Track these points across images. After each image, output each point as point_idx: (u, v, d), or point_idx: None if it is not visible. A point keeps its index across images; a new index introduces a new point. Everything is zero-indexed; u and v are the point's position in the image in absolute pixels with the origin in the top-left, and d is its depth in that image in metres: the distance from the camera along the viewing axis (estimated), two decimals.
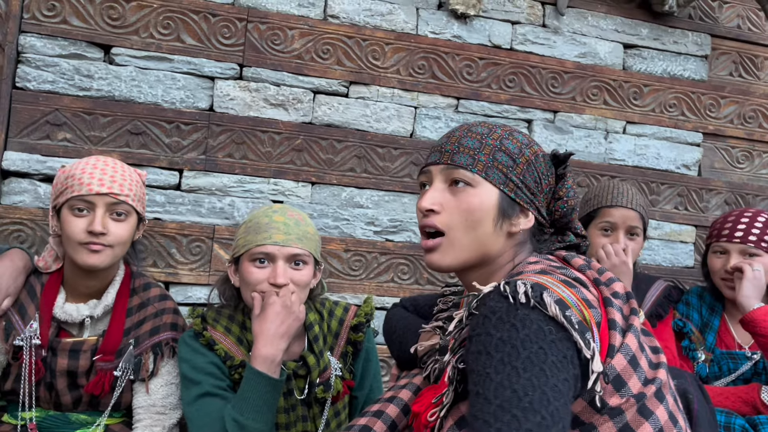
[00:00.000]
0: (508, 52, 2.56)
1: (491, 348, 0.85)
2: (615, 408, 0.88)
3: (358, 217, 2.39)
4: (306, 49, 2.36)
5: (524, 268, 1.03)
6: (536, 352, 0.83)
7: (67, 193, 1.57)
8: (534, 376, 0.81)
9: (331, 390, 1.57)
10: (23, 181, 2.11)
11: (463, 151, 1.08)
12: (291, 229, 1.52)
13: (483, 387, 0.83)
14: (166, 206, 2.22)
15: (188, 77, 2.26)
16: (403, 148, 2.43)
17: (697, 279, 2.69)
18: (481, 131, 1.11)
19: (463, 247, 1.06)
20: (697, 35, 2.78)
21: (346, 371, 1.63)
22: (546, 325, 0.86)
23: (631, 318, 0.97)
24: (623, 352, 0.91)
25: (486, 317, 0.88)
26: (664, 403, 0.92)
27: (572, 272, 1.00)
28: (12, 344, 1.57)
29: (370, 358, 1.71)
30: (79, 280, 1.65)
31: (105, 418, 1.63)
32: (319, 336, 1.60)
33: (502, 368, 0.83)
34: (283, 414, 1.55)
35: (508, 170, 1.08)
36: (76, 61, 2.16)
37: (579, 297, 0.93)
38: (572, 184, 1.15)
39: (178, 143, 2.23)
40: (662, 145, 2.70)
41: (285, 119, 2.34)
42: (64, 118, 2.14)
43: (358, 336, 1.66)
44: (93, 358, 1.61)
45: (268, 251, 1.50)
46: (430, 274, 2.43)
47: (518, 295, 0.88)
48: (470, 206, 1.06)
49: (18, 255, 1.67)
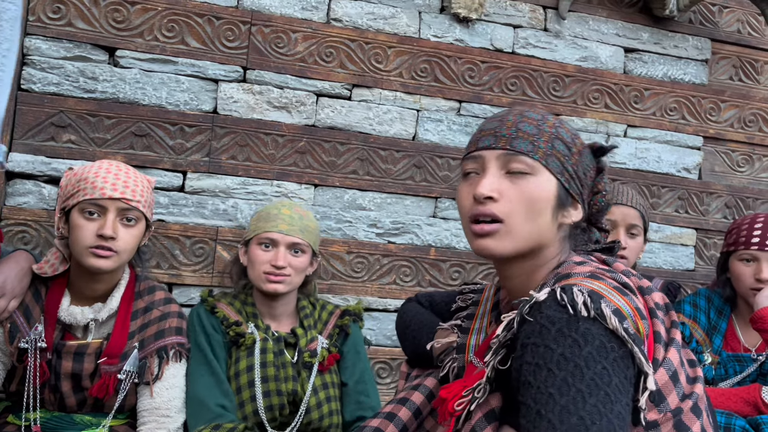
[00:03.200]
0: (510, 56, 2.57)
1: (552, 364, 0.82)
2: (651, 422, 0.87)
3: (360, 219, 2.40)
4: (309, 52, 2.37)
5: (572, 269, 0.99)
6: (600, 373, 0.80)
7: (78, 195, 1.57)
8: (600, 402, 0.78)
9: (317, 357, 1.79)
10: (28, 182, 2.12)
11: (523, 136, 1.03)
12: (295, 221, 1.79)
13: (546, 408, 0.80)
14: (170, 208, 2.23)
15: (192, 80, 2.27)
16: (406, 150, 2.44)
17: (698, 282, 2.70)
18: (535, 117, 1.06)
19: (521, 237, 1.01)
20: (698, 39, 2.79)
21: (333, 347, 1.85)
22: (608, 341, 0.83)
23: (672, 331, 0.95)
24: (665, 367, 0.89)
25: (544, 327, 0.85)
26: (700, 419, 0.90)
27: (621, 277, 0.97)
28: (17, 347, 1.58)
29: (359, 350, 1.89)
30: (85, 283, 1.65)
31: (110, 420, 1.64)
32: (309, 316, 1.87)
33: (566, 390, 0.80)
34: (273, 368, 1.74)
35: (564, 159, 1.03)
36: (80, 63, 2.17)
37: (632, 306, 0.91)
38: (608, 179, 1.13)
39: (181, 145, 2.24)
40: (663, 149, 2.72)
41: (288, 122, 2.35)
42: (68, 120, 2.15)
43: (344, 320, 1.89)
44: (97, 361, 1.61)
45: (273, 237, 1.77)
46: (432, 276, 2.45)
47: (577, 305, 0.85)
48: (532, 195, 1.00)
49: (23, 256, 1.68)
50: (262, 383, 1.72)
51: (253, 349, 1.74)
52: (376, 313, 2.39)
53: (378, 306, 2.40)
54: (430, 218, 2.47)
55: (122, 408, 1.65)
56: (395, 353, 2.39)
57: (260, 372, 1.73)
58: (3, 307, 1.57)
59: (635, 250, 1.99)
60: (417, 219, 2.45)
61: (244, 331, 1.76)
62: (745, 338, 1.97)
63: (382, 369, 2.39)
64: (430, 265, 2.45)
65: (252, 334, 1.76)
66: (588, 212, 1.11)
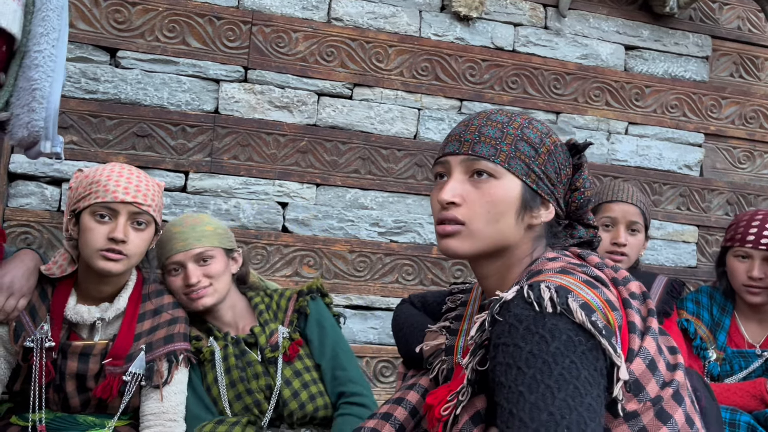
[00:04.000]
0: (511, 54, 2.57)
1: (521, 362, 0.83)
2: (631, 412, 0.87)
3: (362, 218, 2.40)
4: (310, 51, 2.37)
5: (543, 265, 1.00)
6: (568, 368, 0.81)
7: (90, 198, 1.57)
8: (569, 396, 0.79)
9: (279, 349, 1.78)
10: (30, 183, 2.12)
11: (485, 140, 1.04)
12: (187, 234, 1.74)
13: (517, 407, 0.81)
14: (172, 208, 2.23)
15: (193, 80, 2.27)
16: (407, 149, 2.45)
17: (700, 279, 2.70)
18: (501, 119, 1.07)
19: (483, 238, 1.03)
20: (698, 36, 2.79)
21: (294, 334, 1.82)
22: (576, 335, 0.83)
23: (648, 320, 0.95)
24: (642, 356, 0.89)
25: (512, 326, 0.86)
26: (682, 405, 0.90)
27: (593, 270, 0.98)
28: (22, 345, 1.58)
29: (324, 325, 1.84)
30: (92, 284, 1.65)
31: (114, 421, 1.64)
32: (263, 311, 1.83)
33: (535, 387, 0.80)
34: (236, 370, 1.74)
35: (530, 161, 1.04)
36: (82, 64, 2.18)
37: (602, 299, 0.91)
38: (588, 175, 1.13)
39: (183, 145, 2.24)
40: (664, 146, 2.72)
41: (290, 121, 2.35)
42: (70, 121, 2.15)
43: (300, 302, 1.85)
44: (102, 361, 1.61)
45: (177, 259, 1.73)
46: (434, 274, 2.45)
47: (544, 302, 0.85)
48: (494, 198, 1.02)
49: (29, 256, 1.68)
50: (230, 389, 1.73)
51: (215, 361, 1.75)
52: (379, 312, 2.40)
53: (381, 305, 2.40)
54: (431, 217, 2.47)
55: (126, 409, 1.65)
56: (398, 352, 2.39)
57: (225, 379, 1.74)
58: (12, 306, 1.57)
59: (636, 246, 1.99)
60: (419, 218, 2.46)
61: (202, 345, 1.76)
62: (748, 334, 1.98)
63: (385, 368, 2.39)
64: (432, 263, 2.45)
65: (210, 347, 1.76)
66: (567, 210, 1.12)
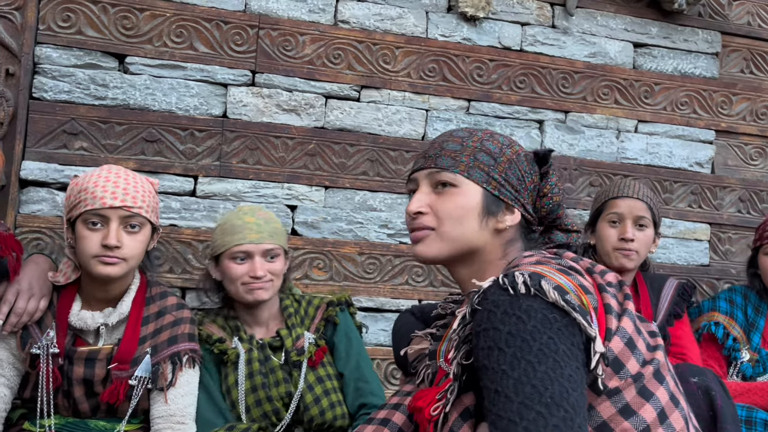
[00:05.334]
0: (518, 54, 2.57)
1: (502, 343, 0.87)
2: (613, 389, 0.90)
3: (371, 220, 2.40)
4: (317, 54, 2.38)
5: (520, 261, 1.05)
6: (546, 343, 0.85)
7: (80, 206, 1.58)
8: (549, 369, 0.83)
9: (305, 353, 1.79)
10: (41, 190, 2.13)
11: (446, 154, 1.13)
12: (262, 228, 1.77)
13: (501, 384, 0.84)
14: (182, 212, 2.24)
15: (201, 84, 2.28)
16: (415, 150, 2.44)
17: (712, 277, 2.68)
18: (461, 135, 1.16)
19: (449, 240, 1.11)
20: (708, 33, 2.77)
21: (320, 340, 1.84)
22: (550, 312, 0.88)
23: (625, 303, 0.99)
24: (620, 335, 0.93)
25: (490, 312, 0.90)
26: (664, 384, 0.93)
27: (566, 261, 1.04)
28: (29, 352, 1.59)
29: (350, 337, 1.87)
30: (95, 290, 1.66)
31: (124, 425, 1.65)
32: (293, 315, 1.86)
33: (516, 364, 0.84)
34: (259, 376, 1.74)
35: (489, 169, 1.12)
36: (91, 70, 2.19)
37: (575, 283, 0.96)
38: (556, 182, 1.19)
39: (192, 150, 2.25)
40: (674, 144, 2.70)
41: (298, 124, 2.35)
42: (80, 127, 2.17)
43: (330, 311, 1.87)
44: (108, 366, 1.62)
45: (246, 249, 1.74)
46: (444, 276, 2.44)
47: (518, 285, 0.90)
48: (455, 204, 1.11)
49: (41, 258, 1.71)
50: (250, 394, 1.73)
51: (238, 364, 1.76)
52: (389, 313, 2.39)
53: (391, 306, 2.39)
54: None
55: (135, 413, 1.66)
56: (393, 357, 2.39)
57: (246, 384, 1.74)
58: (34, 307, 1.60)
59: (644, 242, 1.97)
60: None
61: (228, 347, 1.77)
62: None
63: (396, 370, 2.39)
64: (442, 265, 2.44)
65: (235, 349, 1.76)
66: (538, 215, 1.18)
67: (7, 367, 1.61)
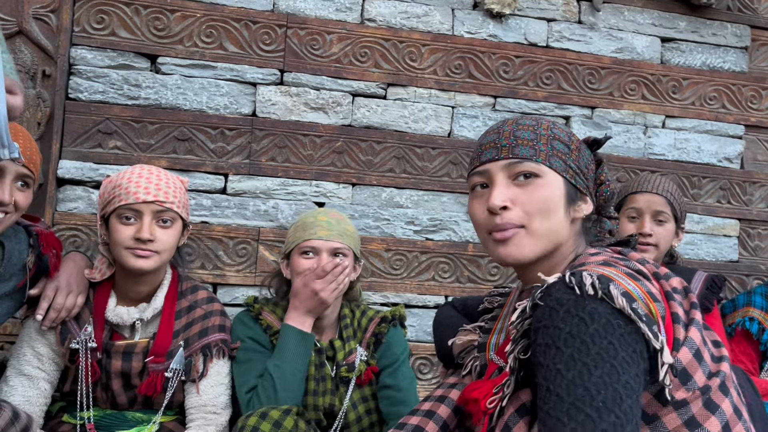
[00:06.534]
0: (545, 50, 2.56)
1: (560, 342, 0.85)
2: (680, 401, 0.88)
3: (398, 216, 2.42)
4: (344, 53, 2.40)
5: (586, 259, 1.02)
6: (606, 348, 0.83)
7: (114, 202, 1.63)
8: (605, 374, 0.82)
9: (355, 371, 1.77)
10: (77, 188, 2.19)
11: (522, 143, 1.07)
12: (333, 226, 1.76)
13: (554, 383, 0.84)
14: (213, 210, 2.28)
15: (231, 84, 2.32)
16: (441, 147, 2.46)
17: (742, 273, 2.66)
18: (529, 123, 1.10)
19: (540, 238, 1.05)
20: (736, 27, 2.74)
21: (372, 359, 1.81)
22: (615, 318, 0.85)
23: (692, 312, 0.96)
24: (688, 346, 0.91)
25: (553, 309, 0.88)
26: (729, 396, 0.92)
27: (634, 264, 1.00)
28: (68, 347, 1.65)
29: (392, 345, 1.83)
30: (129, 285, 1.71)
31: (160, 416, 1.69)
32: (348, 325, 1.83)
33: (573, 364, 0.83)
34: (313, 381, 1.73)
35: (566, 157, 1.08)
36: (124, 71, 2.24)
37: (644, 290, 0.93)
38: (608, 170, 1.17)
39: (222, 148, 2.29)
40: (703, 139, 2.68)
41: (325, 122, 2.38)
42: (114, 127, 2.22)
43: (381, 327, 1.84)
44: (145, 359, 1.67)
45: (314, 245, 1.74)
46: (470, 272, 2.45)
47: (585, 286, 0.87)
48: (543, 196, 1.05)
49: (78, 256, 1.75)
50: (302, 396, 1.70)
51: None
52: (416, 309, 2.41)
53: (417, 302, 2.42)
54: (467, 214, 2.47)
55: (171, 404, 1.70)
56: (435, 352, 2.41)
57: None
58: (73, 303, 1.66)
59: (664, 237, 1.96)
60: (454, 215, 2.47)
61: None
62: None
63: (423, 365, 2.41)
64: (468, 261, 2.46)
65: None
66: (596, 204, 1.16)
67: (47, 362, 1.67)
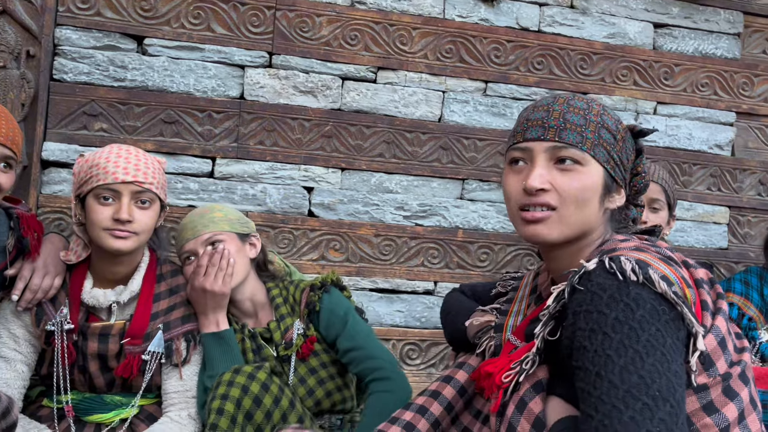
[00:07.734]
0: (536, 35, 2.54)
1: (607, 328, 0.86)
2: (701, 385, 0.90)
3: (387, 202, 2.41)
4: (334, 35, 2.37)
5: (617, 245, 1.02)
6: (655, 335, 0.84)
7: (92, 182, 1.61)
8: (657, 361, 0.83)
9: (292, 347, 1.77)
10: (62, 170, 2.17)
11: (571, 127, 1.05)
12: (196, 222, 1.78)
13: (605, 369, 0.84)
14: (200, 194, 2.26)
15: (219, 66, 2.29)
16: (432, 132, 2.44)
17: (731, 260, 2.66)
18: (581, 106, 1.08)
19: (571, 224, 1.05)
20: (730, 13, 2.72)
21: (309, 330, 1.80)
22: (659, 304, 0.87)
23: (719, 302, 0.98)
24: (714, 333, 0.92)
25: (595, 294, 0.89)
26: (748, 386, 0.93)
27: (665, 251, 1.01)
28: (44, 329, 1.64)
29: (336, 312, 1.80)
30: (106, 267, 1.69)
31: (138, 399, 1.69)
32: (280, 305, 1.83)
33: (624, 351, 0.84)
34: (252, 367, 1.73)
35: (611, 148, 1.07)
36: (110, 52, 2.21)
37: (678, 275, 0.94)
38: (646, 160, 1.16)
39: (210, 131, 2.27)
40: (694, 126, 2.67)
41: (314, 106, 2.36)
42: (100, 109, 2.19)
43: (312, 297, 1.81)
44: (121, 341, 1.66)
45: (188, 248, 1.77)
46: (460, 257, 2.45)
47: (626, 272, 0.88)
48: (582, 185, 1.04)
49: (56, 238, 1.75)
50: None
51: None
52: (405, 295, 2.41)
53: (407, 288, 2.41)
54: (457, 200, 2.47)
55: (150, 388, 1.70)
56: (424, 335, 2.41)
57: None
58: (49, 284, 1.64)
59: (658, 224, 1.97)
60: (444, 201, 2.45)
61: None
62: None
63: (412, 350, 2.41)
64: (458, 246, 2.45)
65: None
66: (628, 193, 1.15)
67: (24, 344, 1.66)
